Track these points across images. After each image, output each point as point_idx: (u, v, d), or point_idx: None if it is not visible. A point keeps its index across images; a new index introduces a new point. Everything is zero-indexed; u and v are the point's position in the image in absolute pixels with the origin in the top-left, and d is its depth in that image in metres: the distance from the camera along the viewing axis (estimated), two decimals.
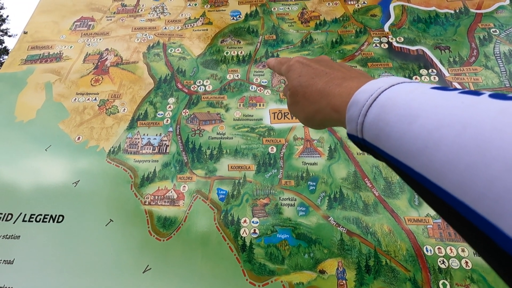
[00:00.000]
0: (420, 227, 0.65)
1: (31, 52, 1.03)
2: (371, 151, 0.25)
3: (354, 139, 0.26)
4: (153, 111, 0.87)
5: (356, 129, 0.25)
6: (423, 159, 0.19)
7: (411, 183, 0.21)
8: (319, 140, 0.78)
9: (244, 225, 0.69)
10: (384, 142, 0.22)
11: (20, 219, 0.73)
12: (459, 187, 0.16)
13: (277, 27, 1.00)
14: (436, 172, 0.18)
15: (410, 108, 0.21)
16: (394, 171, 0.23)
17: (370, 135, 0.24)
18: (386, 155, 0.22)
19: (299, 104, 0.35)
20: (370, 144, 0.24)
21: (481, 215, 0.15)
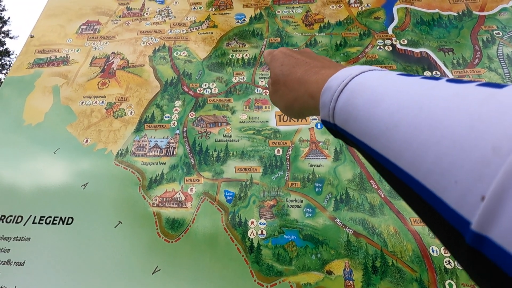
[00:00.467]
0: (426, 228, 0.66)
1: (38, 56, 1.04)
2: (342, 136, 0.26)
3: (327, 125, 0.28)
4: (160, 114, 0.88)
5: (328, 114, 0.26)
6: (383, 140, 0.20)
7: (376, 166, 0.23)
8: (324, 142, 0.79)
9: (252, 227, 0.70)
10: (352, 125, 0.24)
11: (30, 222, 0.74)
12: (412, 165, 0.18)
13: (281, 30, 1.01)
14: (394, 152, 0.19)
15: (376, 93, 0.22)
16: (362, 155, 0.25)
17: (340, 120, 0.25)
18: (354, 139, 0.24)
19: (279, 92, 0.36)
20: (340, 129, 0.25)
21: (429, 189, 0.17)
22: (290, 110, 0.36)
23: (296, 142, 0.80)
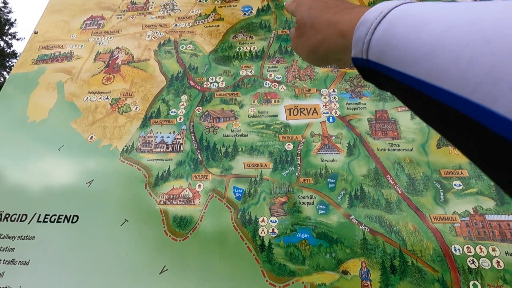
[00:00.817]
0: (447, 226, 0.62)
1: (42, 52, 1.03)
2: (373, 75, 0.26)
3: (358, 64, 0.27)
4: (166, 109, 0.85)
5: (362, 49, 0.25)
6: (426, 64, 0.20)
7: (412, 99, 0.22)
8: (337, 136, 0.76)
9: (262, 225, 0.67)
10: (389, 56, 0.23)
11: (35, 220, 0.72)
12: (458, 82, 0.17)
13: (290, 22, 0.98)
14: (437, 73, 0.19)
15: (420, 18, 0.21)
16: (396, 95, 0.24)
17: (375, 53, 0.24)
18: (390, 71, 0.23)
19: (305, 36, 0.35)
20: (374, 64, 0.24)
21: (477, 103, 0.16)
22: (314, 55, 0.35)
23: (307, 136, 0.77)
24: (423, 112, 0.22)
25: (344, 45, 0.29)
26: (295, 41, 0.38)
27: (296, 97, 0.83)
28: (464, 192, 0.65)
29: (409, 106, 0.24)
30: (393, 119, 0.76)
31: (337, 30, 0.30)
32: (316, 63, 0.37)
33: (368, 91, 0.81)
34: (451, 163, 0.69)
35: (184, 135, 0.80)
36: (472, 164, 0.68)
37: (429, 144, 0.72)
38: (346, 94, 0.82)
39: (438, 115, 0.20)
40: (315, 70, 0.87)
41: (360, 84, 0.83)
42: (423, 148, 0.72)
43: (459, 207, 0.64)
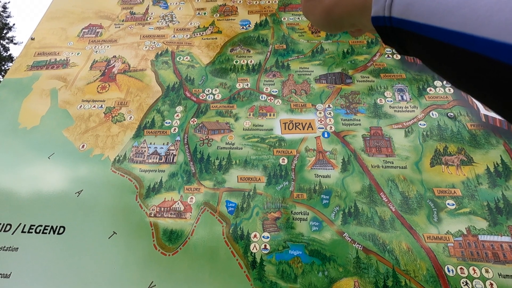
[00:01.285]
0: (441, 245, 0.62)
1: (38, 58, 1.02)
2: (396, 36, 0.23)
3: (379, 23, 0.23)
4: (161, 120, 0.85)
5: (384, 5, 0.22)
6: (464, 11, 0.17)
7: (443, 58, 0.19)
8: (331, 152, 0.76)
9: (254, 240, 0.65)
10: (417, 9, 0.20)
11: (19, 230, 0.70)
12: (505, 28, 0.15)
13: (287, 37, 0.99)
14: (477, 21, 0.16)
15: None
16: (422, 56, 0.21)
17: (400, 7, 0.21)
18: (418, 28, 0.20)
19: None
20: (398, 21, 0.22)
21: None
22: (327, 18, 0.31)
23: (302, 151, 0.76)
24: (457, 72, 0.19)
25: (362, 4, 0.26)
26: (305, 4, 0.34)
27: (291, 111, 0.83)
28: (457, 211, 0.65)
29: (438, 67, 0.21)
30: (387, 136, 0.77)
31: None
32: (329, 28, 0.32)
33: (363, 108, 0.82)
34: (444, 182, 0.69)
35: (178, 146, 0.80)
36: (465, 184, 0.68)
37: (422, 162, 0.72)
38: (341, 110, 0.82)
39: (477, 73, 0.17)
40: (311, 85, 0.87)
41: (355, 100, 0.83)
42: (417, 166, 0.72)
43: (452, 227, 0.64)
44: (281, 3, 1.09)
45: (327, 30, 0.33)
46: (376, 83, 0.86)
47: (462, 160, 0.71)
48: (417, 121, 0.78)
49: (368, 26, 0.25)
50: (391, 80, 0.86)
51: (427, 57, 0.21)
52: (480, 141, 0.74)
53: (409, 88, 0.84)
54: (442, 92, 0.82)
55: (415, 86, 0.84)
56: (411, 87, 0.84)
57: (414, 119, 0.79)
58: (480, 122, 0.76)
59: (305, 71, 0.91)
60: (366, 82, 0.86)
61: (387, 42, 0.24)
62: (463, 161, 0.71)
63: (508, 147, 0.72)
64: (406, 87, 0.84)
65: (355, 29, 0.32)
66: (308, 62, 0.92)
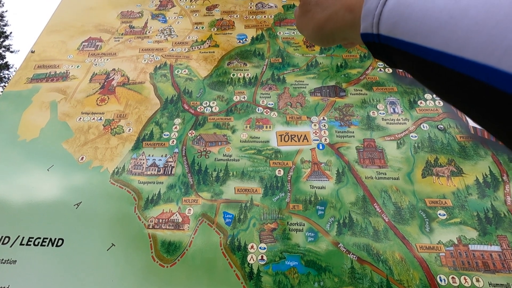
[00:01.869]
0: (433, 255, 0.64)
1: (38, 71, 1.04)
2: (385, 50, 0.24)
3: (368, 40, 0.25)
4: (159, 132, 0.86)
5: (372, 23, 0.23)
6: (445, 33, 0.18)
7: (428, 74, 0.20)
8: (326, 163, 0.77)
9: (252, 251, 0.66)
10: (403, 28, 0.21)
11: (18, 243, 0.70)
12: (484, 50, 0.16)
13: (283, 51, 1.02)
14: (458, 42, 0.17)
15: None
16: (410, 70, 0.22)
17: (387, 26, 0.22)
18: (403, 45, 0.21)
19: (309, 14, 0.33)
20: (385, 38, 0.23)
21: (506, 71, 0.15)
22: (320, 33, 0.32)
23: (298, 162, 0.78)
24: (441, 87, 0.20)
25: (352, 21, 0.27)
26: (299, 20, 0.36)
27: (287, 123, 0.85)
28: (448, 221, 0.67)
29: (425, 82, 0.22)
30: (380, 148, 0.79)
31: (344, 5, 0.28)
32: (322, 42, 0.34)
33: (356, 120, 0.84)
34: (436, 193, 0.71)
35: (176, 158, 0.81)
36: (455, 194, 0.71)
37: (414, 173, 0.74)
38: (336, 122, 0.84)
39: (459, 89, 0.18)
40: (306, 98, 0.90)
41: (349, 113, 0.86)
42: (409, 177, 0.74)
43: (444, 237, 0.66)
44: (276, 18, 1.12)
45: (320, 44, 0.35)
46: (369, 96, 0.89)
47: (452, 171, 0.74)
48: (409, 133, 0.81)
49: (358, 40, 0.27)
50: (383, 93, 0.89)
51: (414, 72, 0.23)
52: (469, 153, 0.76)
53: (401, 101, 0.87)
54: (432, 105, 0.85)
55: (406, 99, 0.87)
56: (402, 100, 0.87)
57: (405, 131, 0.81)
58: (469, 134, 0.79)
59: (300, 84, 0.93)
60: (359, 95, 0.89)
61: (376, 56, 0.26)
62: (453, 172, 0.74)
63: (496, 158, 0.75)
64: (397, 100, 0.87)
65: (347, 42, 0.34)
66: (303, 76, 0.95)
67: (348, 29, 0.29)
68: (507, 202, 0.68)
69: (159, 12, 1.19)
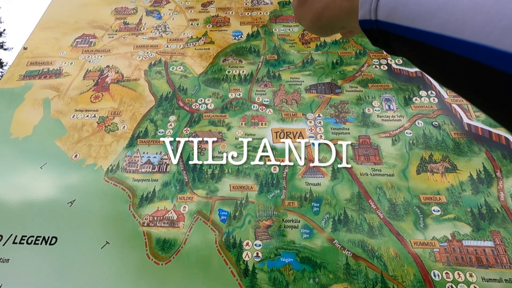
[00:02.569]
0: (427, 251, 0.64)
1: (30, 68, 1.02)
2: (383, 38, 0.24)
3: (366, 26, 0.25)
4: (154, 129, 0.86)
5: (370, 9, 0.23)
6: (443, 15, 0.18)
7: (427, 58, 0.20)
8: (321, 160, 0.77)
9: (247, 248, 0.66)
10: (401, 13, 0.21)
11: (11, 241, 0.70)
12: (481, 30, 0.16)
13: (278, 47, 1.02)
14: (456, 24, 0.17)
15: None
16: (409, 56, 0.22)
17: (385, 11, 0.22)
18: (402, 30, 0.21)
19: (307, 3, 0.33)
20: (384, 24, 0.23)
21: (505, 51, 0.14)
22: (318, 23, 0.32)
23: (293, 159, 0.78)
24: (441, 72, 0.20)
25: (349, 9, 0.27)
26: (297, 11, 0.35)
27: (282, 120, 0.85)
28: (442, 217, 0.68)
29: (425, 68, 0.22)
30: (375, 144, 0.79)
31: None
32: (321, 32, 0.34)
33: (351, 117, 0.84)
34: (430, 189, 0.72)
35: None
36: (449, 190, 0.71)
37: (409, 170, 0.75)
38: (331, 119, 0.84)
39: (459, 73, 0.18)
40: (301, 95, 0.90)
41: (344, 110, 0.86)
42: (404, 173, 0.74)
43: (438, 233, 0.66)
44: (272, 14, 1.12)
45: (319, 34, 0.35)
46: (364, 93, 0.89)
47: (446, 167, 0.74)
48: (404, 130, 0.81)
49: (357, 28, 0.26)
50: (378, 90, 0.89)
51: (413, 58, 0.23)
52: (464, 149, 0.77)
53: (396, 98, 0.87)
54: (427, 102, 0.85)
55: (401, 96, 0.87)
56: (397, 97, 0.87)
57: (400, 128, 0.81)
58: (463, 130, 0.79)
59: (296, 81, 0.93)
60: (354, 92, 0.89)
61: (375, 43, 0.26)
62: (447, 168, 0.74)
63: (489, 154, 0.75)
64: (393, 97, 0.87)
65: (346, 31, 0.33)
66: (299, 72, 0.95)
67: (346, 17, 0.28)
68: (500, 198, 0.69)
69: (154, 9, 1.18)
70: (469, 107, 0.83)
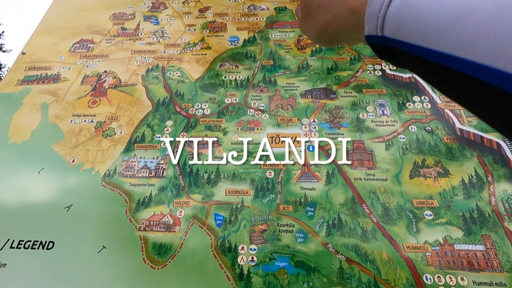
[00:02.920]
0: (419, 255, 0.65)
1: (29, 73, 1.03)
2: (390, 52, 0.24)
3: (372, 42, 0.25)
4: (151, 134, 0.87)
5: (376, 25, 0.23)
6: (452, 35, 0.18)
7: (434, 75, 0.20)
8: (316, 165, 0.79)
9: (242, 252, 0.67)
10: (408, 30, 0.21)
11: (8, 246, 0.70)
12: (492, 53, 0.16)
13: (274, 53, 1.03)
14: (465, 45, 0.17)
15: None
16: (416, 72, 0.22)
17: (391, 28, 0.22)
18: (409, 47, 0.21)
19: (312, 16, 0.32)
20: (390, 40, 0.23)
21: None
22: (323, 35, 0.32)
23: (288, 164, 0.79)
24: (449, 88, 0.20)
25: (355, 23, 0.27)
26: (302, 22, 0.35)
27: (278, 125, 0.86)
28: (434, 222, 0.69)
29: (431, 82, 0.22)
30: (369, 149, 0.80)
31: (347, 7, 0.28)
32: (326, 44, 0.34)
33: (346, 122, 0.86)
34: (423, 194, 0.73)
35: (168, 160, 0.81)
36: (441, 195, 0.72)
37: (402, 174, 0.76)
38: (326, 124, 0.86)
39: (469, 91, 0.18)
40: (296, 100, 0.91)
41: (339, 115, 0.87)
42: (397, 178, 0.75)
43: (430, 237, 0.67)
44: (268, 20, 1.13)
45: (325, 45, 0.35)
46: (358, 98, 0.90)
47: (439, 172, 0.75)
48: (397, 135, 0.82)
49: (363, 40, 0.26)
50: (372, 95, 0.90)
51: (420, 73, 0.23)
52: (456, 154, 0.78)
53: (390, 103, 0.88)
54: (420, 107, 0.87)
55: (395, 101, 0.89)
56: (391, 102, 0.88)
57: (394, 133, 0.83)
58: (456, 135, 0.81)
59: (291, 86, 0.94)
60: (349, 97, 0.91)
61: (381, 57, 0.26)
62: (440, 173, 0.75)
63: (481, 159, 0.76)
64: (387, 102, 0.88)
65: (352, 42, 0.34)
66: (294, 78, 0.96)
67: (352, 31, 0.28)
68: (491, 202, 0.70)
69: (152, 14, 1.20)
70: (461, 112, 0.84)
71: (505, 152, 0.76)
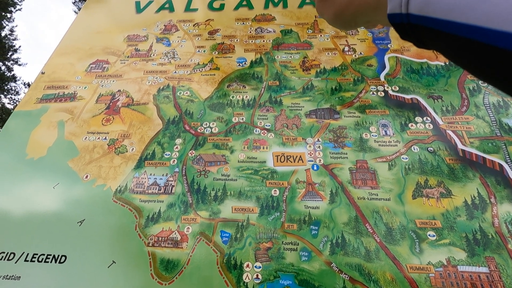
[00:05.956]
0: (423, 276, 0.66)
1: (47, 92, 1.09)
2: (415, 32, 0.23)
3: (395, 20, 0.23)
4: (161, 152, 0.90)
5: (400, 2, 0.22)
6: (485, 6, 0.17)
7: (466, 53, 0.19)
8: (320, 184, 0.81)
9: (247, 270, 0.69)
10: (435, 5, 0.20)
11: (22, 259, 0.73)
12: None
13: (280, 74, 1.07)
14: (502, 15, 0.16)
15: None
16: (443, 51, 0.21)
17: (418, 4, 0.21)
18: (436, 23, 0.20)
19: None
20: (416, 18, 0.21)
21: None
22: (341, 17, 0.31)
23: (293, 183, 0.81)
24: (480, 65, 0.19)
25: (376, 2, 0.26)
26: (319, 5, 0.34)
27: (283, 144, 0.89)
28: (437, 242, 0.70)
29: (459, 61, 0.21)
30: (372, 169, 0.82)
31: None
32: (344, 26, 0.33)
33: (349, 142, 0.88)
34: (426, 214, 0.74)
35: (177, 177, 0.85)
36: (444, 215, 0.73)
37: (405, 194, 0.77)
38: (330, 143, 0.88)
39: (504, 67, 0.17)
40: (301, 120, 0.94)
41: (343, 135, 0.90)
42: (400, 198, 0.77)
43: (433, 258, 0.68)
44: (274, 42, 1.18)
45: (342, 28, 0.34)
46: (362, 118, 0.93)
47: (441, 192, 0.77)
48: (400, 155, 0.84)
49: (383, 22, 0.26)
50: (375, 116, 0.93)
51: (448, 52, 0.21)
52: (458, 175, 0.79)
53: (392, 123, 0.90)
54: (422, 128, 0.89)
55: (397, 121, 0.91)
56: (394, 123, 0.91)
57: (397, 153, 0.84)
58: (458, 156, 0.82)
59: (296, 106, 0.98)
60: (352, 117, 0.93)
61: (404, 37, 0.24)
62: (442, 193, 0.76)
63: (484, 180, 0.77)
64: (389, 123, 0.91)
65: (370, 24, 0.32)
66: (299, 98, 1.00)
67: (372, 11, 0.27)
68: (494, 223, 0.71)
69: (164, 36, 1.26)
70: (463, 133, 0.86)
71: (508, 174, 0.77)
